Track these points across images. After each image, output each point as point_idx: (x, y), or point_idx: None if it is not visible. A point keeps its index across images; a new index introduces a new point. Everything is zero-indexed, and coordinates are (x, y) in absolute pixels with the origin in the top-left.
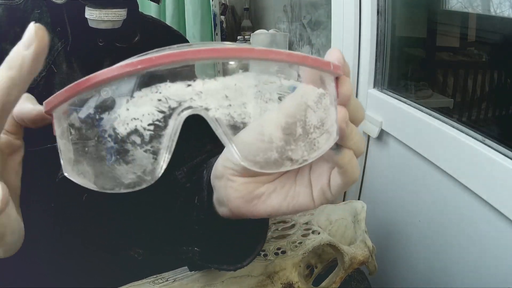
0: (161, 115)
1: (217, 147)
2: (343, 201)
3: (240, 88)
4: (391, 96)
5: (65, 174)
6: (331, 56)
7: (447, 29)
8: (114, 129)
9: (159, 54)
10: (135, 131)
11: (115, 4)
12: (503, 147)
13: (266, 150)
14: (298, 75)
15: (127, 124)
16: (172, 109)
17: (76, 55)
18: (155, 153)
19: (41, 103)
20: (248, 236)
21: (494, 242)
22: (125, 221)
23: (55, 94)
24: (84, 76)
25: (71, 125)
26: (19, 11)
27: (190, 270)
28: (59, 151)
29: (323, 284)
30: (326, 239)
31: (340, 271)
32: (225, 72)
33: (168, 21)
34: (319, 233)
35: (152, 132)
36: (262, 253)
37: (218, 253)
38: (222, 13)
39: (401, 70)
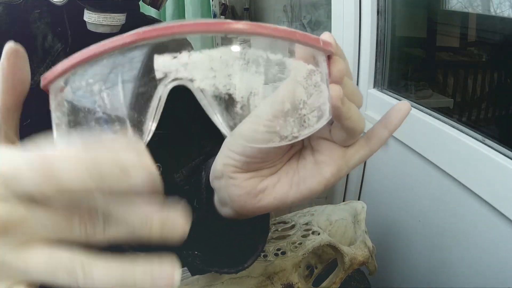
0: (147, 87)
1: (216, 148)
2: (343, 201)
3: (225, 60)
4: (391, 96)
5: (57, 146)
6: (324, 38)
7: (447, 29)
8: (102, 99)
9: (147, 29)
10: (122, 102)
11: (115, 9)
12: (503, 147)
13: (252, 123)
14: (289, 52)
15: (115, 94)
16: (158, 80)
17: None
18: (141, 123)
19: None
20: (248, 237)
21: (494, 242)
22: None
23: (51, 69)
24: None
25: (66, 99)
26: (19, 11)
27: (192, 275)
28: (53, 124)
29: (323, 284)
30: (326, 239)
31: (340, 272)
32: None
33: (168, 21)
34: (319, 234)
35: (138, 103)
36: (262, 253)
37: (218, 256)
38: (222, 13)
39: (401, 70)
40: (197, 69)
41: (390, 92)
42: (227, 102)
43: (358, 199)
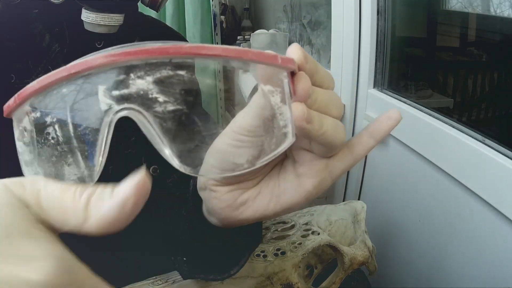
0: (94, 118)
1: None
2: (343, 201)
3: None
4: (391, 96)
5: (24, 175)
6: (290, 51)
7: (447, 29)
8: (55, 131)
9: (92, 57)
10: (72, 134)
11: (113, 9)
12: (503, 147)
13: (208, 154)
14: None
15: (65, 126)
16: (104, 112)
17: (73, 57)
18: (91, 156)
19: None
20: (236, 245)
21: (494, 242)
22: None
23: (12, 98)
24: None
25: (24, 128)
26: (16, 10)
27: (184, 279)
28: (18, 153)
29: (323, 284)
30: (326, 239)
31: (340, 272)
32: (225, 72)
33: (168, 21)
34: (318, 234)
35: (87, 136)
36: (262, 254)
37: (205, 263)
38: (222, 13)
39: (401, 70)
40: (142, 97)
41: (390, 92)
42: (175, 133)
43: (358, 199)
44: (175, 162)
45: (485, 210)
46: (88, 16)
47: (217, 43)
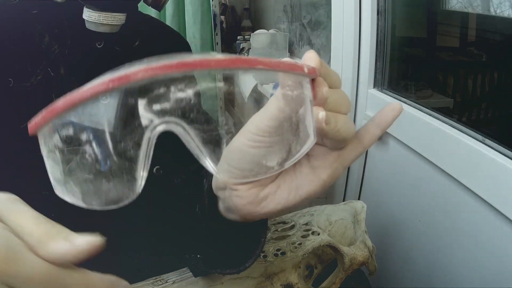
0: (134, 134)
1: None
2: (343, 201)
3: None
4: (391, 96)
5: (56, 193)
6: (308, 59)
7: (447, 29)
8: (92, 148)
9: (132, 71)
10: (112, 151)
11: (116, 8)
12: (503, 147)
13: (239, 159)
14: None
15: (104, 143)
16: (145, 127)
17: (74, 58)
18: (132, 170)
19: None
20: (248, 239)
21: (494, 242)
22: (125, 229)
23: (37, 115)
24: (81, 80)
25: (55, 145)
26: (15, 10)
27: (195, 276)
28: (48, 171)
29: (323, 284)
30: (326, 240)
31: (340, 272)
32: (225, 79)
33: (168, 21)
34: (318, 234)
35: (128, 152)
36: (262, 254)
37: (220, 258)
38: (222, 13)
39: (401, 70)
40: (183, 110)
41: (390, 92)
42: (215, 144)
43: (358, 199)
44: (213, 170)
45: (485, 210)
46: (90, 15)
47: (217, 43)
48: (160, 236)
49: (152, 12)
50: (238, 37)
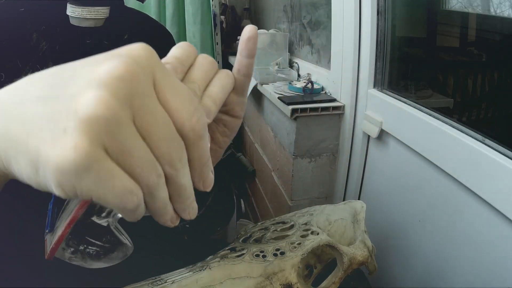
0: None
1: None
2: (343, 201)
3: None
4: (391, 96)
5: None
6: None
7: (447, 29)
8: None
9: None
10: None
11: (98, 2)
12: (503, 147)
13: None
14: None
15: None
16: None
17: (62, 54)
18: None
19: None
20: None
21: (494, 242)
22: (125, 229)
23: (52, 241)
24: None
25: (69, 258)
26: (2, 9)
27: (183, 254)
28: None
29: (323, 284)
30: (325, 239)
31: (340, 272)
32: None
33: (168, 21)
34: (318, 234)
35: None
36: (261, 254)
37: (203, 223)
38: (222, 13)
39: (401, 70)
40: None
41: (390, 92)
42: None
43: (358, 199)
44: None
45: (485, 210)
46: (74, 11)
47: (217, 43)
48: (160, 236)
49: (152, 12)
50: (238, 37)
